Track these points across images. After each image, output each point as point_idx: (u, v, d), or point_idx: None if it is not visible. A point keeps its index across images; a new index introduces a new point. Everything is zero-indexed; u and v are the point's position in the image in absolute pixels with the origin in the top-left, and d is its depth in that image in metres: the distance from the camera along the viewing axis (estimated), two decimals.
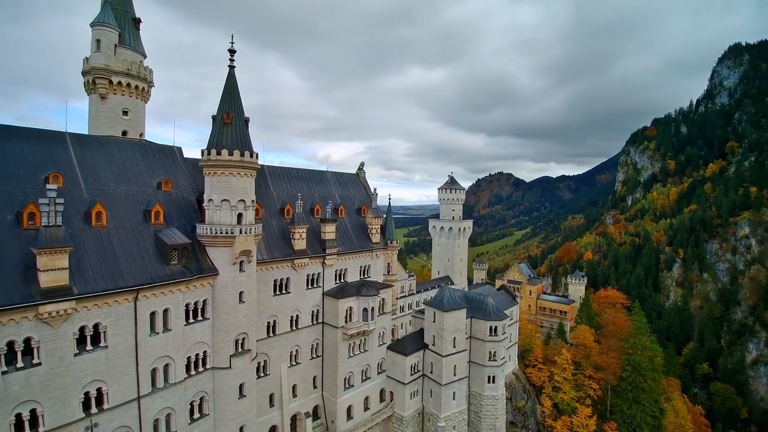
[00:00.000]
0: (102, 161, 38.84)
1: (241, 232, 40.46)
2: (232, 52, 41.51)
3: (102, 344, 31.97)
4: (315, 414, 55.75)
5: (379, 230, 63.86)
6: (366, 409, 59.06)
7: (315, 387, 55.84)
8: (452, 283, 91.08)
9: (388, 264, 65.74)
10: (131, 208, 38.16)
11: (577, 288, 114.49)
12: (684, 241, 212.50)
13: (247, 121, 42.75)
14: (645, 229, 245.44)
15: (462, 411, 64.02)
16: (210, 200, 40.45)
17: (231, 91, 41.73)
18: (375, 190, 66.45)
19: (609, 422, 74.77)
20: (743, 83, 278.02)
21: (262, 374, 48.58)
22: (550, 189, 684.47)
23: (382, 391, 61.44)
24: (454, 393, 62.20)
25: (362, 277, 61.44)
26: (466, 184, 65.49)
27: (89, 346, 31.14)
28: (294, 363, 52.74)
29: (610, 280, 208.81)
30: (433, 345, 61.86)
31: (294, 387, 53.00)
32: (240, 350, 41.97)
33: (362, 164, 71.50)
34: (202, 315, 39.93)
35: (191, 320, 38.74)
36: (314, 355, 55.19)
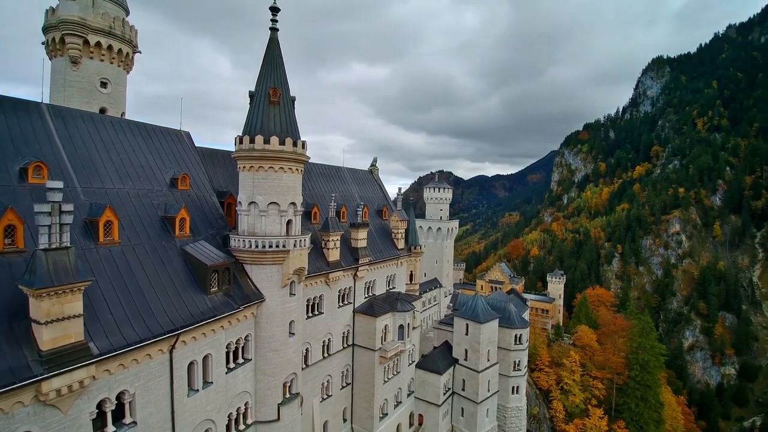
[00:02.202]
0: (97, 147, 26.48)
1: (295, 245, 29.66)
2: (274, 10, 30.47)
3: (128, 420, 20.35)
4: None
5: (403, 235, 54.47)
6: None
7: (345, 420, 45.58)
8: (441, 286, 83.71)
9: (411, 272, 56.56)
10: (146, 214, 26.22)
11: (556, 286, 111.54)
12: (621, 237, 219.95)
13: (293, 100, 31.79)
14: (584, 226, 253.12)
15: (493, 428, 56.50)
16: (252, 203, 29.18)
17: (274, 61, 30.62)
18: (400, 189, 57.00)
19: (617, 421, 70.88)
20: (665, 93, 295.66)
21: None
22: (487, 187, 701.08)
23: (411, 415, 52.34)
24: (487, 410, 54.49)
25: (388, 288, 51.84)
26: (407, 182, 57.72)
27: (110, 428, 19.46)
28: (325, 396, 42.20)
29: (558, 272, 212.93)
30: (465, 359, 53.67)
31: (325, 424, 42.49)
32: (288, 396, 31.19)
33: (375, 159, 61.58)
34: (243, 356, 28.73)
35: (232, 365, 27.51)
36: (344, 384, 44.88)
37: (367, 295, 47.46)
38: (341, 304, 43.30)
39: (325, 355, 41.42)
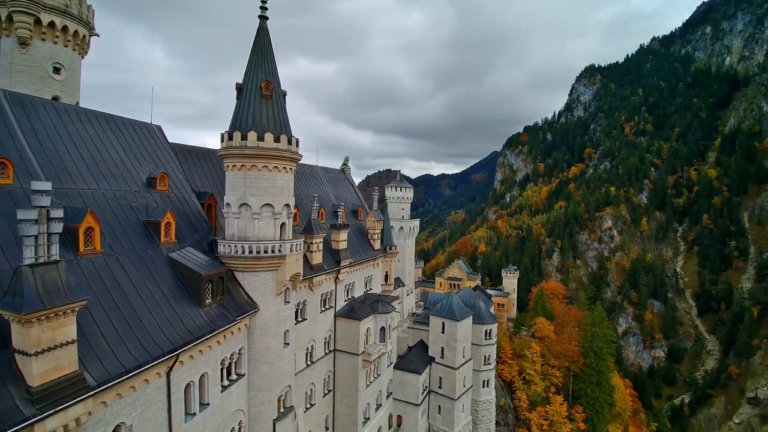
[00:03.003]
0: (64, 141, 22.82)
1: (291, 250, 27.29)
2: None
3: None
4: None
5: (379, 235, 52.94)
6: None
7: (327, 429, 43.34)
8: (403, 285, 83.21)
9: (386, 272, 55.16)
10: (126, 218, 22.88)
11: (510, 281, 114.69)
12: (560, 233, 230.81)
13: (284, 95, 29.27)
14: (526, 223, 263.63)
15: (468, 422, 56.48)
16: (244, 205, 26.46)
17: (264, 52, 28.02)
18: (375, 189, 55.33)
19: (575, 406, 73.77)
20: (596, 99, 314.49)
21: None
22: (433, 186, 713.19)
23: (390, 417, 51.01)
24: (463, 405, 54.37)
25: (366, 289, 50.11)
26: (356, 180, 57.68)
27: None
28: (309, 405, 39.72)
29: (502, 268, 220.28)
30: (442, 357, 53.11)
31: None
32: (283, 410, 28.79)
33: (347, 159, 59.49)
34: (236, 371, 26.01)
35: (226, 382, 24.75)
36: (326, 391, 42.58)
37: (347, 298, 45.45)
38: (323, 308, 41.01)
39: (308, 363, 38.97)
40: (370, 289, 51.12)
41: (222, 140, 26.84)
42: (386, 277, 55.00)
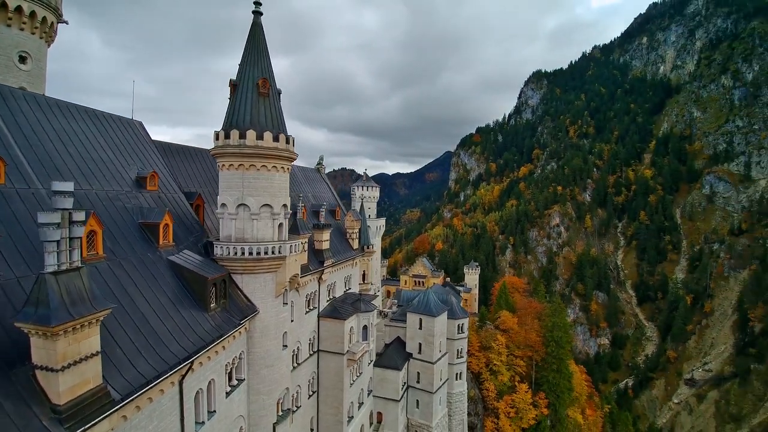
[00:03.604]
0: (50, 137, 21.05)
1: (291, 250, 26.61)
2: None
3: None
4: None
5: (357, 235, 52.64)
6: None
7: (311, 430, 42.68)
8: (372, 284, 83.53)
9: (364, 272, 54.99)
10: (122, 220, 21.44)
11: (472, 276, 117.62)
12: (512, 230, 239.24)
13: (279, 93, 28.43)
14: (481, 221, 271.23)
15: (444, 414, 57.53)
16: (242, 206, 25.47)
17: (260, 49, 27.12)
18: (352, 189, 54.90)
19: (538, 393, 76.89)
20: (543, 103, 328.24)
21: None
22: (388, 185, 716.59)
23: (371, 415, 50.93)
24: (440, 398, 55.31)
25: (345, 289, 49.70)
26: None
27: None
28: (295, 408, 38.84)
29: (460, 266, 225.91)
30: (420, 353, 53.81)
31: None
32: (281, 413, 28.04)
33: (321, 158, 58.69)
34: (236, 377, 25.05)
35: (228, 388, 23.78)
36: (310, 393, 41.92)
37: (329, 298, 44.92)
38: (308, 309, 40.31)
39: (295, 365, 38.16)
40: (350, 289, 50.76)
41: (217, 138, 25.69)
42: (364, 276, 54.81)
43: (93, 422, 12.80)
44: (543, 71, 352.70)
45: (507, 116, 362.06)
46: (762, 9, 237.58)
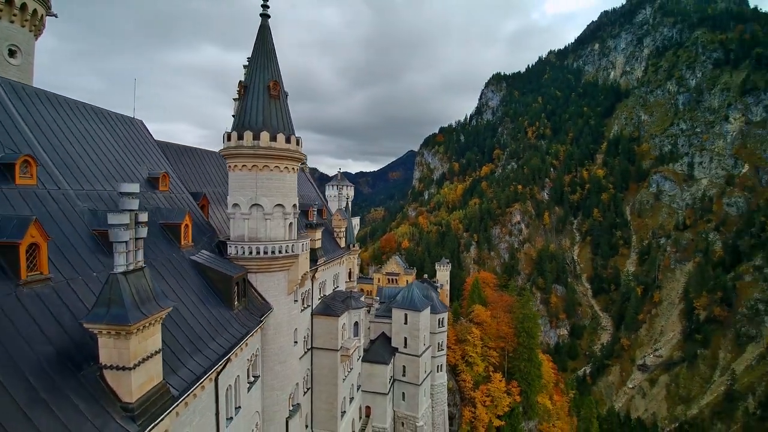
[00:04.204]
0: (67, 137, 20.76)
1: (302, 249, 27.13)
2: None
3: None
4: None
5: (344, 234, 53.25)
6: (353, 431, 48.84)
7: (306, 426, 43.00)
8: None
9: (350, 270, 55.63)
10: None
11: (444, 273, 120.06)
12: (476, 228, 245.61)
13: (287, 95, 28.78)
14: (445, 219, 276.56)
15: (429, 405, 59.24)
16: (256, 206, 25.73)
17: (268, 52, 27.40)
18: (340, 189, 55.33)
19: (511, 382, 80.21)
20: (503, 105, 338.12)
21: None
22: (352, 183, 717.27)
23: (360, 409, 51.75)
24: (425, 390, 56.95)
25: (334, 287, 50.23)
26: None
27: None
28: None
29: (426, 264, 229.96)
30: (405, 347, 55.22)
31: None
32: (292, 407, 28.53)
33: (306, 157, 58.62)
34: (253, 373, 25.33)
35: (247, 384, 24.09)
36: (305, 390, 42.28)
37: (320, 296, 45.39)
38: (303, 307, 40.65)
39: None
40: (337, 287, 51.34)
41: (228, 139, 25.77)
42: (350, 274, 55.47)
43: (160, 419, 13.13)
44: (502, 74, 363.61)
45: (469, 117, 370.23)
46: (705, 19, 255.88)
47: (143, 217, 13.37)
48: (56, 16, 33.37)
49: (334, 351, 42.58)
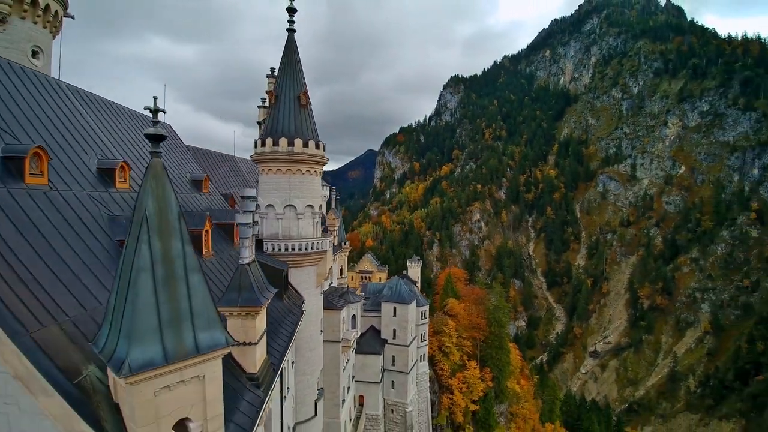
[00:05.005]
0: (125, 140, 22.43)
1: (329, 245, 29.74)
2: (291, 11, 29.58)
3: None
4: None
5: (337, 232, 55.72)
6: (350, 419, 51.48)
7: None
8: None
9: (341, 267, 58.21)
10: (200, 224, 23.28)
11: (415, 270, 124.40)
12: (438, 226, 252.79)
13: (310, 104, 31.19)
14: (408, 218, 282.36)
15: (415, 392, 62.89)
16: (289, 206, 28.08)
17: (296, 65, 29.76)
18: (333, 189, 57.59)
19: (484, 369, 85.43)
20: (461, 106, 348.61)
21: None
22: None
23: (354, 398, 54.51)
24: (412, 377, 60.58)
25: (329, 283, 52.66)
26: None
27: None
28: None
29: (391, 262, 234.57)
30: (394, 338, 58.50)
31: None
32: (318, 390, 31.05)
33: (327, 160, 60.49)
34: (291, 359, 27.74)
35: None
36: None
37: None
38: None
39: None
40: (332, 283, 53.79)
41: (263, 145, 27.90)
42: (341, 271, 58.03)
43: (273, 386, 15.65)
44: (460, 76, 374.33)
45: (428, 117, 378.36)
46: (647, 31, 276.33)
47: (256, 217, 15.80)
48: (73, 18, 33.76)
49: (337, 342, 45.12)
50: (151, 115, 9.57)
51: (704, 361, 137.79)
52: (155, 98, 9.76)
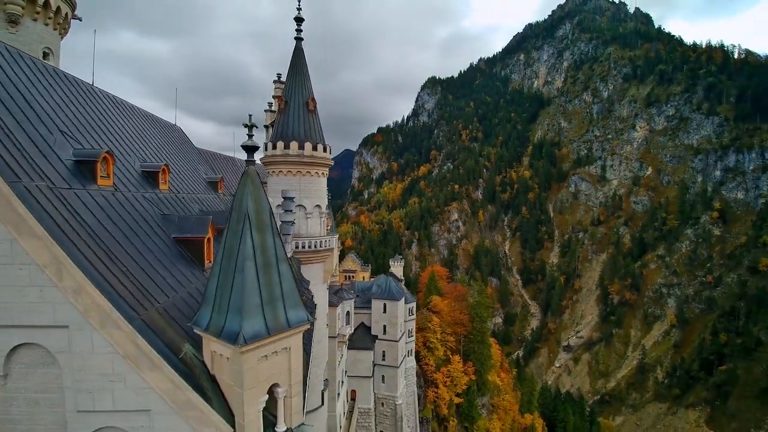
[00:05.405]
0: (154, 142, 23.65)
1: (335, 243, 31.40)
2: (299, 20, 31.12)
3: None
4: None
5: (330, 230, 57.21)
6: (343, 413, 53.11)
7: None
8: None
9: (336, 265, 59.69)
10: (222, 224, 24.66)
11: (398, 269, 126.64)
12: (417, 226, 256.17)
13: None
14: (386, 218, 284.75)
15: (404, 385, 65.01)
16: (300, 206, 29.61)
17: (303, 72, 31.33)
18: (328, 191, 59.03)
19: (466, 363, 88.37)
20: (438, 108, 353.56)
21: None
22: None
23: (347, 393, 56.16)
24: (402, 372, 62.69)
25: None
26: None
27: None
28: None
29: (371, 261, 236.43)
30: (385, 334, 60.47)
31: None
32: (324, 381, 32.69)
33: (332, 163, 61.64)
34: None
35: None
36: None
37: None
38: None
39: None
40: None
41: (274, 148, 29.35)
42: (335, 269, 59.53)
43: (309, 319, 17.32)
44: (437, 78, 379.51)
45: (406, 118, 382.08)
46: (617, 37, 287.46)
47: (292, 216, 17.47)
48: (80, 20, 34.23)
49: (333, 338, 46.69)
50: (246, 130, 11.12)
51: (671, 353, 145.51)
52: (250, 115, 11.35)
